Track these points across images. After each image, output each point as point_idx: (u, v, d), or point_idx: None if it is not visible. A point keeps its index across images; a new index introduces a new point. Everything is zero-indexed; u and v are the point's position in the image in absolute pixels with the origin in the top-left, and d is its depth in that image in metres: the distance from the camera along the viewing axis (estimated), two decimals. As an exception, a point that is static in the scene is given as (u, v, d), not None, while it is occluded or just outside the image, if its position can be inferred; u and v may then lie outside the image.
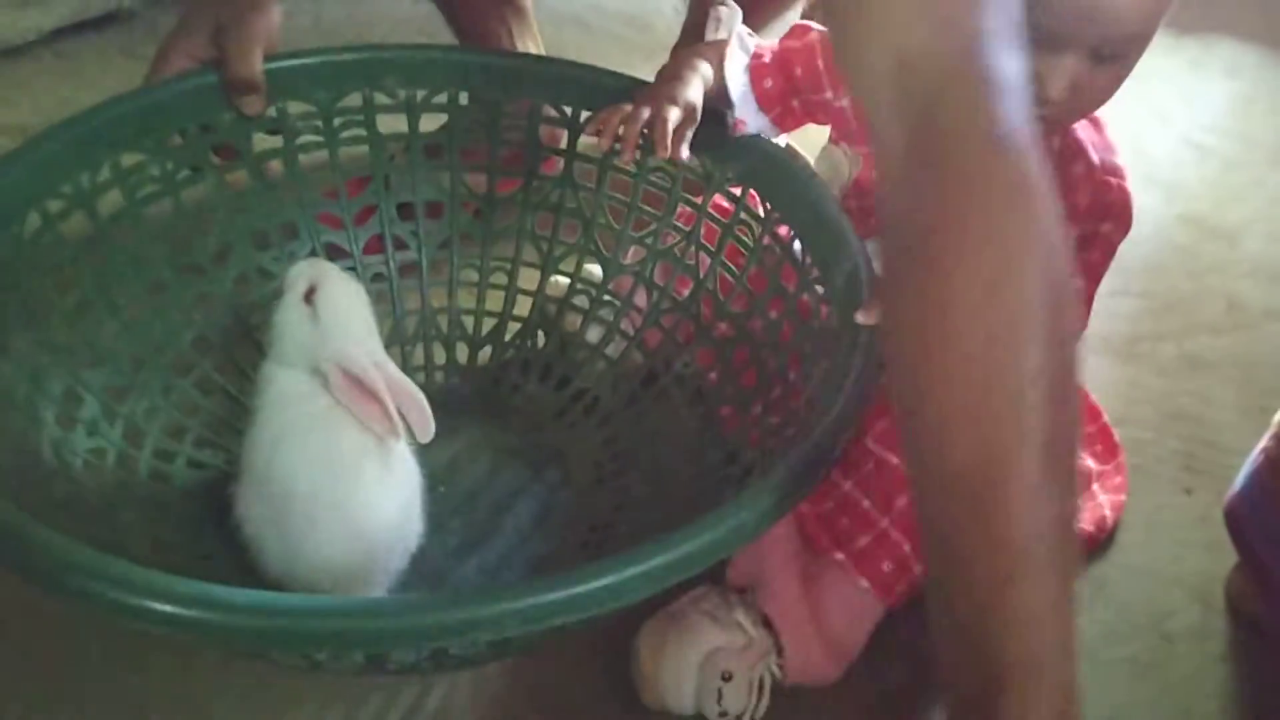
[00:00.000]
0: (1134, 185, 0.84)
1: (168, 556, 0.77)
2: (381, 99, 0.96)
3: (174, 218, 0.91)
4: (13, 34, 1.37)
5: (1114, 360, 1.12)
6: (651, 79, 0.90)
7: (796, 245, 0.86)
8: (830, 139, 0.93)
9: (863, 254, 0.80)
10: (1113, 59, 0.78)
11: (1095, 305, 1.00)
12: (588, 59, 1.33)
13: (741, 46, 0.89)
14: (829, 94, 0.88)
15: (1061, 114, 0.81)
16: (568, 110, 0.96)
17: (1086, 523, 0.93)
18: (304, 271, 0.82)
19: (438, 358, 1.01)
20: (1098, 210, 0.82)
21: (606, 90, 0.95)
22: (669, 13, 1.62)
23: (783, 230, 0.88)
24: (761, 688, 0.79)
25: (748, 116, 0.90)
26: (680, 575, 0.62)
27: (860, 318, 0.74)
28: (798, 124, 0.92)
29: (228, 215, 0.94)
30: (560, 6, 1.61)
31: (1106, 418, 1.01)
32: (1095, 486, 0.96)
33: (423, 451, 0.82)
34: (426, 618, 0.59)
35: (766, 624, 0.80)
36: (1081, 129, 0.84)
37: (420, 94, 0.96)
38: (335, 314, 0.80)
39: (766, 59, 0.89)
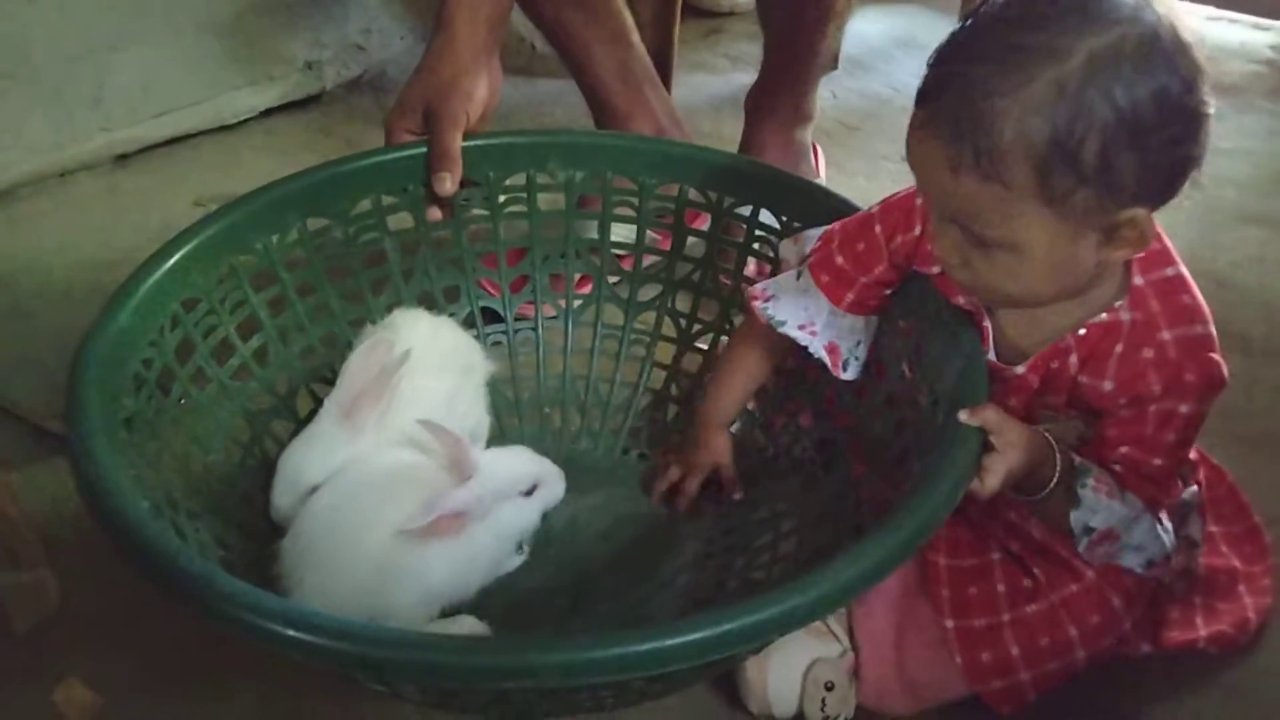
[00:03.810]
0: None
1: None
2: (543, 178, 1.03)
3: (352, 278, 1.01)
4: (229, 114, 1.55)
5: (1272, 457, 1.08)
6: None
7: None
8: None
9: (976, 353, 0.79)
10: (995, 246, 0.71)
11: (1261, 400, 0.98)
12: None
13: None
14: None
15: (972, 285, 0.76)
16: (713, 195, 1.02)
17: (1227, 624, 0.89)
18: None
19: (573, 422, 1.06)
20: (1173, 392, 0.76)
21: (747, 175, 1.00)
22: (827, 96, 1.67)
23: (904, 325, 0.88)
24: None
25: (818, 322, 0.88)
26: (737, 648, 0.63)
27: (964, 416, 0.73)
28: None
29: (400, 277, 1.03)
30: (722, 91, 1.69)
31: (1258, 518, 0.97)
32: (1241, 587, 0.92)
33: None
34: (492, 659, 0.62)
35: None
36: (1156, 298, 0.76)
37: (578, 175, 1.03)
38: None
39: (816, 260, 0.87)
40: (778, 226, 1.00)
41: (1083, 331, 0.78)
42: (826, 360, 0.88)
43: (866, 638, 0.82)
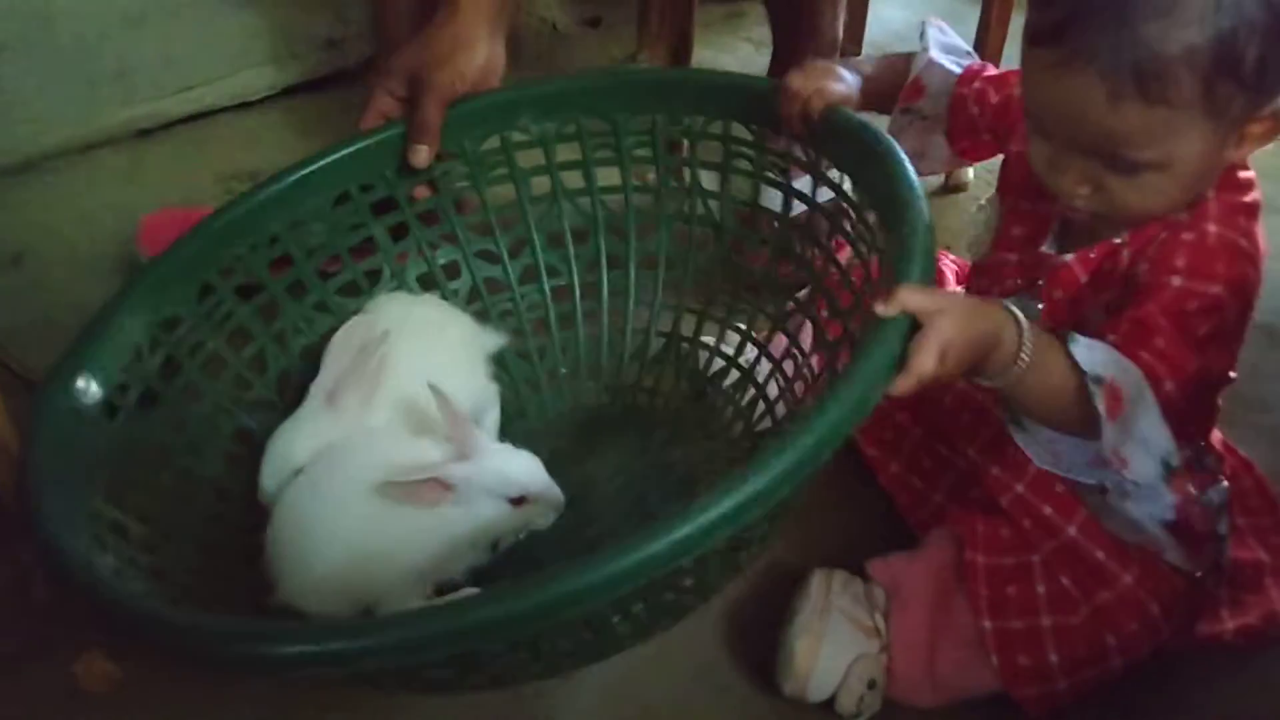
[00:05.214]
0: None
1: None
2: (518, 136, 1.01)
3: (348, 270, 1.00)
4: (251, 90, 1.56)
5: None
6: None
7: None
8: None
9: (913, 242, 0.72)
10: (1144, 168, 0.69)
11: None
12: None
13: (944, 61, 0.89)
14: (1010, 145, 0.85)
15: (1100, 209, 0.73)
16: (685, 120, 0.99)
17: (1254, 617, 0.84)
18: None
19: (588, 380, 1.05)
20: (1200, 273, 0.71)
21: (714, 90, 0.97)
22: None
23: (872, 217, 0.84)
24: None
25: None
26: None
27: (879, 309, 0.65)
28: (979, 157, 0.92)
29: (398, 267, 1.02)
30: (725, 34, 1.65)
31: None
32: (1268, 580, 0.87)
33: (565, 464, 0.88)
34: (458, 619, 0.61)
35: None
36: (1217, 204, 0.73)
37: (551, 126, 1.01)
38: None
39: (972, 89, 0.87)
40: (749, 138, 0.97)
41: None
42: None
43: (900, 635, 0.81)
